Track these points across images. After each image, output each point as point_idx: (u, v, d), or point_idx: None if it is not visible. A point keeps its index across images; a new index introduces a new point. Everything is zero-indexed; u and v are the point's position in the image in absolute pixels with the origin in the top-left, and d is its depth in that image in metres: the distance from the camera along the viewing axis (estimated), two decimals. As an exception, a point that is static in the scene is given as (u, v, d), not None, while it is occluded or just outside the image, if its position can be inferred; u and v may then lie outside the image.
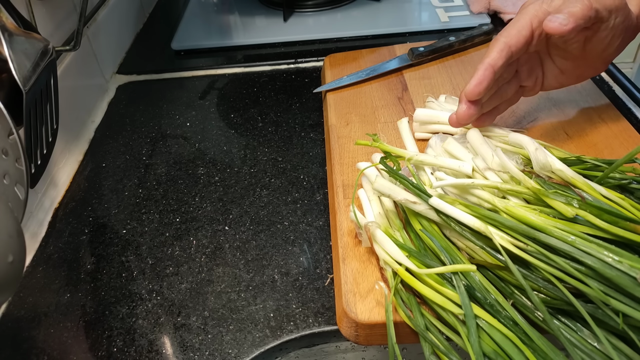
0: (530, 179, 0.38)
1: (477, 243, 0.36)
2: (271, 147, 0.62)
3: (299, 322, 0.43)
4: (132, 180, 0.59)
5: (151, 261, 0.50)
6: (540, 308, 0.32)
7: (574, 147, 0.50)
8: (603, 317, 0.31)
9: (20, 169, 0.40)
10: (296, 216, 0.53)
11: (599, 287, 0.31)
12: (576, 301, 0.31)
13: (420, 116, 0.52)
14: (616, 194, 0.36)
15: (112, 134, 0.67)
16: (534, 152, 0.39)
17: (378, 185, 0.40)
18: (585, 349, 0.31)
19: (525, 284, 0.33)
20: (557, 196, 0.36)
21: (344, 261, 0.43)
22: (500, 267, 0.36)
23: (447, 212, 0.37)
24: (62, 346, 0.43)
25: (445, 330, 0.35)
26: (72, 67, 0.64)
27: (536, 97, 0.58)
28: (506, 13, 0.79)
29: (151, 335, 0.44)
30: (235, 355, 0.42)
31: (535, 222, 0.34)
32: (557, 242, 0.33)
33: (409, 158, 0.43)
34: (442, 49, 0.66)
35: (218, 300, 0.46)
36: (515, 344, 0.32)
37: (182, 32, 0.84)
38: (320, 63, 0.76)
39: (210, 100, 0.71)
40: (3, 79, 0.41)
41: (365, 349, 0.48)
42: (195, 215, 0.54)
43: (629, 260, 0.31)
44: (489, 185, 0.38)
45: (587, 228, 0.34)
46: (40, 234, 0.53)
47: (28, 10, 0.53)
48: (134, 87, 0.76)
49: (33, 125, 0.43)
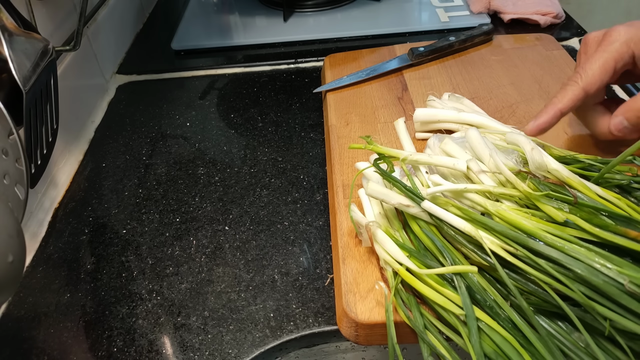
0: (523, 182, 0.37)
1: (468, 246, 0.36)
2: (271, 147, 0.62)
3: (299, 322, 0.43)
4: (132, 180, 0.59)
5: (151, 261, 0.50)
6: (527, 312, 0.32)
7: (574, 147, 0.50)
8: (592, 322, 0.31)
9: (20, 169, 0.40)
10: (296, 216, 0.53)
11: (586, 292, 0.31)
12: (565, 306, 0.31)
13: (420, 116, 0.52)
14: (612, 194, 0.36)
15: (112, 134, 0.67)
16: (529, 152, 0.39)
17: (371, 191, 0.40)
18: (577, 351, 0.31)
19: (514, 288, 0.33)
20: (548, 200, 0.36)
21: (344, 261, 0.43)
22: (494, 269, 0.36)
23: (439, 216, 0.37)
24: (62, 346, 0.43)
25: (445, 331, 0.35)
26: (72, 67, 0.64)
27: (536, 97, 0.58)
28: (506, 13, 0.79)
29: (151, 335, 0.44)
30: (235, 355, 0.42)
31: (526, 227, 0.34)
32: (546, 248, 0.33)
33: (403, 158, 0.42)
34: (442, 49, 0.66)
35: (218, 300, 0.46)
36: (514, 346, 0.32)
37: (182, 32, 0.84)
38: (320, 63, 0.76)
39: (210, 100, 0.71)
40: (3, 79, 0.41)
41: (365, 349, 0.48)
42: (195, 215, 0.54)
43: (618, 265, 0.31)
44: (481, 189, 0.38)
45: (578, 232, 0.34)
46: (40, 234, 0.53)
47: (28, 10, 0.53)
48: (134, 87, 0.76)
49: (33, 125, 0.43)
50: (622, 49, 0.39)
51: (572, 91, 0.39)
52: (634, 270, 0.30)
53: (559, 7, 0.77)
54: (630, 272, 0.30)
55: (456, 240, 0.37)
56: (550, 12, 0.76)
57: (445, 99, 0.55)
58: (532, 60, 0.64)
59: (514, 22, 0.79)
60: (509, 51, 0.67)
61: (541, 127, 0.40)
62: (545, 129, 0.40)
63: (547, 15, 0.76)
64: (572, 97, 0.39)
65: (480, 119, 0.49)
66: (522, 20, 0.78)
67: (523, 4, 0.78)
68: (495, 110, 0.56)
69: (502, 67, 0.64)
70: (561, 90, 0.40)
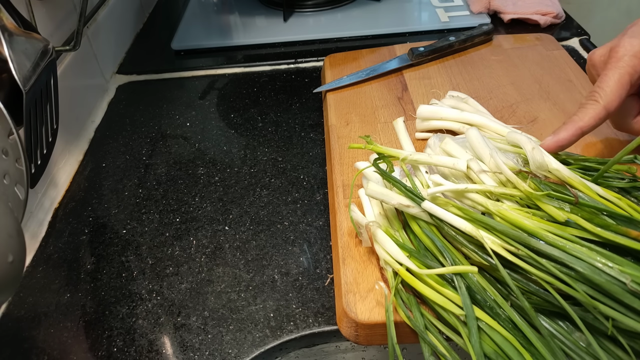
0: (524, 182, 0.37)
1: (469, 247, 0.36)
2: (271, 147, 0.62)
3: (299, 322, 0.43)
4: (132, 180, 0.59)
5: (151, 261, 0.50)
6: (529, 312, 0.32)
7: (574, 147, 0.50)
8: (593, 322, 0.31)
9: (20, 169, 0.40)
10: (296, 216, 0.53)
11: (588, 291, 0.31)
12: (567, 305, 0.31)
13: (423, 112, 0.52)
14: (613, 194, 0.36)
15: (112, 134, 0.67)
16: (530, 152, 0.39)
17: (370, 191, 0.40)
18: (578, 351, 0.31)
19: (516, 288, 0.33)
20: (549, 200, 0.36)
21: (344, 261, 0.43)
22: (495, 269, 0.36)
23: (440, 216, 0.37)
24: (62, 346, 0.43)
25: (445, 331, 0.35)
26: (72, 67, 0.64)
27: (536, 97, 0.58)
28: (506, 13, 0.79)
29: (151, 335, 0.44)
30: (235, 355, 0.42)
31: (528, 226, 0.34)
32: (548, 248, 0.33)
33: (403, 158, 0.42)
34: (442, 49, 0.66)
35: (218, 300, 0.46)
36: (514, 346, 0.32)
37: (182, 32, 0.84)
38: (320, 63, 0.76)
39: (210, 100, 0.71)
40: (3, 79, 0.41)
41: (365, 349, 0.48)
42: (195, 215, 0.54)
43: (619, 264, 0.31)
44: (482, 189, 0.38)
45: (579, 231, 0.34)
46: (40, 234, 0.53)
47: (28, 10, 0.53)
48: (134, 87, 0.76)
49: (33, 125, 0.43)
50: (633, 62, 0.39)
51: (594, 109, 0.39)
52: (635, 269, 0.30)
53: (559, 7, 0.77)
54: (632, 271, 0.30)
55: (456, 240, 0.37)
56: (550, 12, 0.76)
57: (451, 95, 0.55)
58: (532, 60, 0.64)
59: (514, 22, 0.79)
60: (509, 51, 0.67)
61: (560, 143, 0.39)
62: (565, 146, 0.39)
63: (547, 15, 0.76)
64: (594, 115, 0.39)
65: (482, 119, 0.49)
66: (522, 20, 0.78)
67: (523, 4, 0.78)
68: (495, 110, 0.56)
69: (502, 67, 0.64)
70: (581, 109, 0.40)
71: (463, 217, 0.37)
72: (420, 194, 0.39)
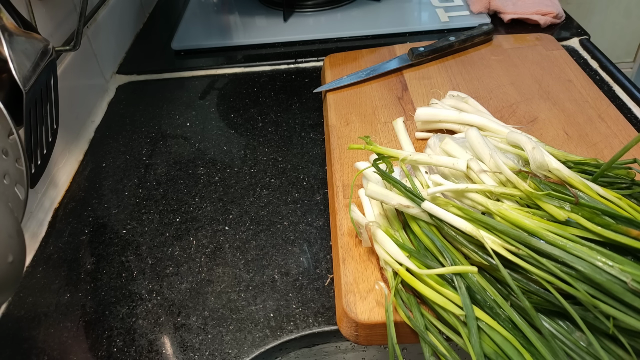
0: (524, 181, 0.37)
1: (469, 247, 0.36)
2: (271, 147, 0.62)
3: (299, 322, 0.43)
4: (132, 180, 0.59)
5: (151, 261, 0.50)
6: (530, 312, 0.32)
7: (574, 147, 0.50)
8: (594, 321, 0.31)
9: (20, 169, 0.40)
10: (296, 216, 0.53)
11: (589, 290, 0.31)
12: (568, 305, 0.31)
13: (421, 115, 0.52)
14: (613, 194, 0.36)
15: (112, 134, 0.67)
16: (531, 152, 0.39)
17: (370, 192, 0.40)
18: (579, 350, 0.31)
19: (516, 288, 0.33)
20: (550, 199, 0.36)
21: (344, 261, 0.43)
22: (495, 269, 0.36)
23: (440, 216, 0.37)
24: (62, 346, 0.43)
25: (445, 331, 0.35)
26: (72, 67, 0.64)
27: (536, 97, 0.58)
28: (506, 13, 0.79)
29: (151, 335, 0.44)
30: (235, 355, 0.42)
31: (528, 226, 0.34)
32: (548, 247, 0.33)
33: (402, 159, 0.42)
34: (442, 49, 0.66)
35: (218, 300, 0.46)
36: (514, 346, 0.32)
37: (182, 32, 0.84)
38: (320, 63, 0.76)
39: (210, 100, 0.71)
40: (3, 79, 0.41)
41: (365, 349, 0.48)
42: (195, 215, 0.54)
43: (620, 263, 0.31)
44: (482, 189, 0.38)
45: (579, 230, 0.34)
46: (40, 234, 0.53)
47: (28, 10, 0.53)
48: (134, 87, 0.76)
49: (33, 125, 0.43)
50: None
51: None
52: (636, 268, 0.30)
53: (559, 7, 0.77)
54: (633, 270, 0.30)
55: (456, 240, 0.37)
56: (550, 12, 0.76)
57: (448, 97, 0.55)
58: (532, 60, 0.64)
59: (514, 22, 0.79)
60: (509, 51, 0.67)
61: None
62: None
63: (547, 15, 0.76)
64: None
65: (481, 119, 0.49)
66: (522, 20, 0.78)
67: (523, 4, 0.78)
68: (495, 110, 0.56)
69: (502, 67, 0.64)
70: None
71: (463, 217, 0.37)
72: (420, 194, 0.39)
